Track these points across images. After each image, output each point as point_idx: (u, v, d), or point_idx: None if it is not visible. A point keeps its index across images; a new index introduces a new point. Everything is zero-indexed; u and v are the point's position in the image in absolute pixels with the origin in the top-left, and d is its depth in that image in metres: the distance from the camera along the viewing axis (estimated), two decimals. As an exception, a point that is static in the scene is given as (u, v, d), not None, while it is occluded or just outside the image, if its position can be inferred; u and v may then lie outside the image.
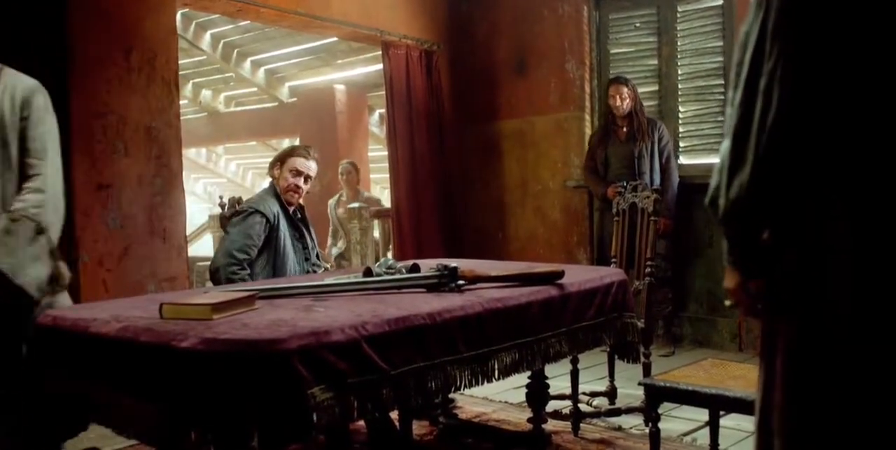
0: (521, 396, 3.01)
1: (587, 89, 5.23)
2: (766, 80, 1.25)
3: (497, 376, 2.17)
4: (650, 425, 2.50)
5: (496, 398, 3.70)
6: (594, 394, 3.52)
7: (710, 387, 2.35)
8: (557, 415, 3.26)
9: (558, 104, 5.31)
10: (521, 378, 2.65)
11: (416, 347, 1.93)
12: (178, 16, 4.47)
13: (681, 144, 4.92)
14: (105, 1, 3.69)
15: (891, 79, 1.21)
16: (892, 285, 1.20)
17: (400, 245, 5.27)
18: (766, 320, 1.36)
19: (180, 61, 4.12)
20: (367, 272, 2.52)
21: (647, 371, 3.12)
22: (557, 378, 3.33)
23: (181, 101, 4.31)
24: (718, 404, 2.39)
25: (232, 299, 1.96)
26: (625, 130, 4.64)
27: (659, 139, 4.58)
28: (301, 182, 3.36)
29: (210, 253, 6.13)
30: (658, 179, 4.53)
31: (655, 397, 2.46)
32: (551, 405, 3.10)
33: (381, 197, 8.17)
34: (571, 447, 2.99)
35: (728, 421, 2.86)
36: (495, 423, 3.32)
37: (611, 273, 2.77)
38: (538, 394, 2.87)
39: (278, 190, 3.37)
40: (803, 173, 1.25)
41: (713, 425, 2.60)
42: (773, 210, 1.29)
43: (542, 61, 5.36)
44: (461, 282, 2.29)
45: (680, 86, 4.90)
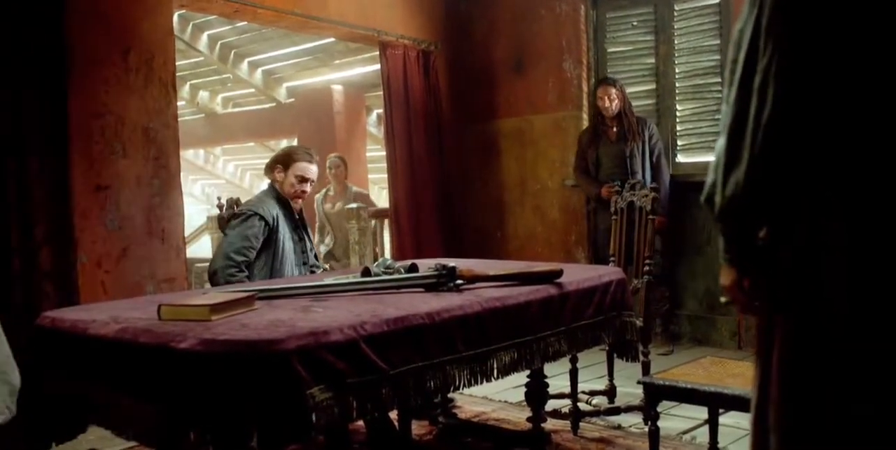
0: (521, 395, 3.01)
1: (585, 88, 5.23)
2: (761, 77, 1.25)
3: (496, 376, 2.17)
4: (649, 423, 2.50)
5: (495, 398, 3.70)
6: (593, 393, 3.52)
7: (709, 385, 2.35)
8: (557, 414, 3.26)
9: (556, 103, 5.32)
10: (521, 377, 2.66)
11: (415, 346, 1.93)
12: (175, 17, 4.46)
13: (678, 143, 4.92)
14: (103, 2, 3.69)
15: (885, 75, 1.21)
16: (888, 283, 1.20)
17: (399, 245, 5.27)
18: (763, 317, 1.36)
19: (178, 62, 4.12)
20: (366, 272, 2.52)
21: (646, 370, 3.12)
22: (556, 377, 3.33)
23: (178, 103, 4.30)
24: (717, 402, 2.40)
25: (230, 300, 1.96)
26: (615, 130, 4.64)
27: (649, 138, 4.59)
28: (307, 187, 3.38)
29: (208, 254, 6.12)
30: (649, 178, 4.54)
31: (654, 396, 2.46)
32: (551, 404, 3.10)
33: (380, 197, 8.16)
34: (571, 446, 2.99)
35: (727, 419, 2.87)
36: (495, 422, 3.32)
37: (609, 272, 2.77)
38: (537, 393, 2.87)
39: (279, 192, 3.37)
40: (798, 171, 1.25)
41: (712, 423, 2.60)
42: (769, 208, 1.29)
43: (540, 60, 5.36)
44: (460, 281, 2.29)
45: (677, 84, 4.90)
